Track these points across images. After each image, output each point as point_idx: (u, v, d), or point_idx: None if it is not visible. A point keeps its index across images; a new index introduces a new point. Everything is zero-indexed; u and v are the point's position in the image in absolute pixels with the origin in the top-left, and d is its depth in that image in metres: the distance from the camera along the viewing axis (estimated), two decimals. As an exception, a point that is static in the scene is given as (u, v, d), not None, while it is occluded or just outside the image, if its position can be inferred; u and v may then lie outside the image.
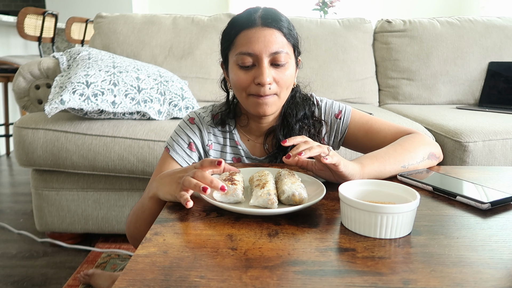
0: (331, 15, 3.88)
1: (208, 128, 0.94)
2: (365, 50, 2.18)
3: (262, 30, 0.81)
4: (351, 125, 0.95)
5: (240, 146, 0.95)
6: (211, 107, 0.98)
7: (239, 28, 0.83)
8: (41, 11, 2.86)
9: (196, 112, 0.96)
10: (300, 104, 0.94)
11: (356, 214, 0.55)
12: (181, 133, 0.93)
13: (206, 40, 2.10)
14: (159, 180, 0.71)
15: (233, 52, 0.84)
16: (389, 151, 0.81)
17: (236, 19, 0.85)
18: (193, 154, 0.92)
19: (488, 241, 0.54)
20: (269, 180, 0.67)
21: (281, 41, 0.82)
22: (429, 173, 0.80)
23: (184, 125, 0.94)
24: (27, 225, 1.84)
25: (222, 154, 0.95)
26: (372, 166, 0.76)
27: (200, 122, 0.94)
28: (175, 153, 0.91)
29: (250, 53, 0.81)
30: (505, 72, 2.06)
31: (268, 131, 0.94)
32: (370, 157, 0.79)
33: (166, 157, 0.92)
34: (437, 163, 0.89)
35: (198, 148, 0.93)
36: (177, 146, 0.92)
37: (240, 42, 0.82)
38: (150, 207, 0.73)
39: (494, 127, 1.48)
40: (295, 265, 0.48)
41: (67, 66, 1.59)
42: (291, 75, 0.85)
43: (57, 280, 1.40)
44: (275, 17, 0.82)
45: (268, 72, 0.81)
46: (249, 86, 0.84)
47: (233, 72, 0.85)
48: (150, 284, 0.44)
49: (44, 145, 1.44)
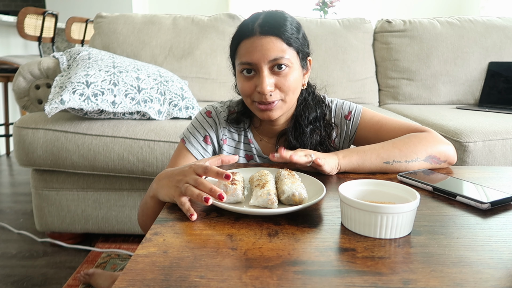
0: (331, 15, 3.89)
1: (224, 123, 0.96)
2: (365, 50, 2.18)
3: (260, 39, 0.81)
4: (361, 126, 0.95)
5: (253, 145, 0.97)
6: (228, 102, 1.00)
7: (240, 38, 0.84)
8: (41, 11, 2.86)
9: (213, 106, 0.98)
10: (312, 107, 0.93)
11: (356, 214, 0.55)
12: (197, 126, 0.95)
13: (206, 40, 2.10)
14: (157, 182, 0.71)
15: (237, 61, 0.86)
16: (376, 147, 0.84)
17: (240, 26, 0.86)
18: (208, 147, 0.94)
19: (488, 241, 0.54)
20: (269, 180, 0.67)
21: (280, 47, 0.81)
22: (429, 173, 0.80)
23: (201, 118, 0.96)
24: (27, 225, 1.84)
25: (236, 150, 0.97)
26: (350, 159, 0.81)
27: (216, 116, 0.96)
28: (191, 145, 0.93)
29: (250, 62, 0.82)
30: (505, 72, 2.06)
31: (280, 133, 0.95)
32: (351, 150, 0.83)
33: (182, 149, 0.94)
34: (447, 166, 0.87)
35: (213, 141, 0.95)
36: (193, 139, 0.94)
37: (241, 52, 0.83)
38: (152, 206, 0.74)
39: (494, 127, 1.48)
40: (295, 265, 0.48)
41: (67, 66, 1.59)
42: (294, 79, 0.84)
43: (57, 280, 1.40)
44: (275, 23, 0.81)
45: (267, 80, 0.81)
46: (252, 94, 0.85)
47: (238, 79, 0.87)
48: (150, 284, 0.44)
49: (44, 145, 1.44)
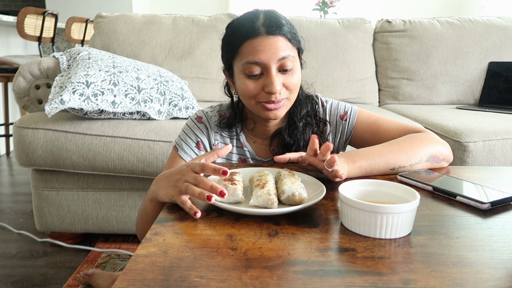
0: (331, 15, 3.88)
1: (215, 128, 0.95)
2: (365, 50, 2.18)
3: (267, 38, 0.80)
4: (357, 126, 0.96)
5: (246, 148, 0.96)
6: (218, 107, 0.99)
7: (243, 38, 0.82)
8: (41, 11, 2.86)
9: (204, 111, 0.97)
10: (303, 102, 0.94)
11: (356, 214, 0.55)
12: (189, 132, 0.94)
13: (206, 40, 2.10)
14: (156, 184, 0.71)
15: (239, 61, 0.83)
16: (384, 150, 0.82)
17: (238, 27, 0.84)
18: (201, 153, 0.93)
19: (488, 241, 0.54)
20: (269, 180, 0.67)
21: (286, 46, 0.82)
22: (429, 173, 0.80)
23: (192, 124, 0.95)
24: (27, 225, 1.84)
25: (229, 154, 0.96)
26: (360, 167, 0.79)
27: (207, 121, 0.95)
28: (184, 152, 0.93)
29: (258, 62, 0.80)
30: (505, 72, 2.06)
31: (274, 133, 0.95)
32: (361, 154, 0.81)
33: (175, 157, 0.93)
34: (446, 165, 0.88)
35: (205, 147, 0.94)
36: (185, 146, 0.93)
37: (246, 51, 0.81)
38: (152, 210, 0.73)
39: (494, 127, 1.48)
40: (295, 265, 0.47)
41: (67, 66, 1.59)
42: (299, 77, 0.86)
43: (57, 280, 1.40)
44: (277, 23, 0.82)
45: (277, 80, 0.81)
46: (258, 94, 0.84)
47: (240, 81, 0.84)
48: (150, 284, 0.44)
49: (44, 145, 1.44)
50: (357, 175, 0.79)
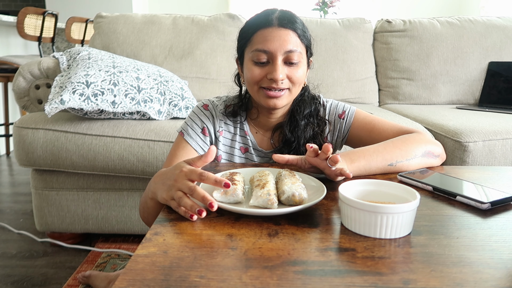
0: (331, 15, 3.88)
1: (220, 116, 0.98)
2: (365, 50, 2.18)
3: (278, 30, 0.86)
4: (354, 125, 0.99)
5: (248, 137, 0.99)
6: (224, 97, 1.03)
7: (257, 27, 0.87)
8: (41, 11, 2.86)
9: (210, 100, 1.01)
10: (307, 102, 0.98)
11: (356, 214, 0.55)
12: (195, 118, 0.97)
13: (206, 40, 2.10)
14: (154, 182, 0.70)
15: (249, 49, 0.89)
16: (379, 148, 0.84)
17: (254, 19, 0.90)
18: (206, 138, 0.96)
19: (488, 241, 0.54)
20: (269, 180, 0.67)
21: (295, 41, 0.86)
22: (429, 173, 0.80)
23: (198, 111, 0.99)
24: (27, 225, 1.84)
25: (232, 142, 0.99)
26: (358, 165, 0.80)
27: (213, 109, 0.99)
28: (189, 137, 0.95)
29: (266, 50, 0.86)
30: (505, 72, 2.06)
31: (276, 126, 0.99)
32: (359, 153, 0.82)
33: (181, 141, 0.96)
34: (440, 163, 0.90)
35: (210, 133, 0.97)
36: (191, 131, 0.96)
37: (257, 39, 0.87)
38: (153, 206, 0.74)
39: (494, 127, 1.48)
40: (295, 265, 0.47)
41: (67, 66, 1.59)
42: (303, 73, 0.90)
43: (57, 280, 1.40)
44: (291, 19, 0.87)
45: (281, 69, 0.86)
46: (261, 80, 0.88)
47: (247, 67, 0.90)
48: (150, 284, 0.44)
49: (44, 145, 1.44)
50: (356, 173, 0.80)
